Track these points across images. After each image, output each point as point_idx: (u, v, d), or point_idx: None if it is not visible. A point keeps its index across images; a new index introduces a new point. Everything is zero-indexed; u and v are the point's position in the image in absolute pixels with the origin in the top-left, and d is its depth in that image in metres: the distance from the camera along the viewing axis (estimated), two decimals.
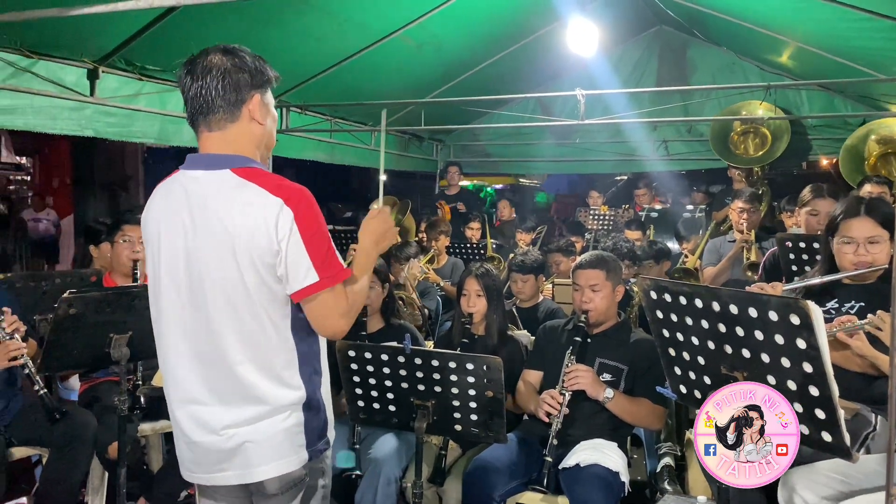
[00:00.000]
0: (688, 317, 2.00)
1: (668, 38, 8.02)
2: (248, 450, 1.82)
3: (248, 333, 1.80)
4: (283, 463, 1.84)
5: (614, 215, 7.36)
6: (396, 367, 2.52)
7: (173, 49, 4.62)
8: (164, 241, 1.86)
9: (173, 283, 1.84)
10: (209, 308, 1.80)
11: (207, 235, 1.78)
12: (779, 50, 6.58)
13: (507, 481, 2.84)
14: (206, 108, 1.80)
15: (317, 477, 1.94)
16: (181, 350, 1.85)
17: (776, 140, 6.92)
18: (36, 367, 3.08)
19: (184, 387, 1.87)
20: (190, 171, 1.85)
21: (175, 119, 5.27)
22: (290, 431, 1.84)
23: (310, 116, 6.68)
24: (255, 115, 1.85)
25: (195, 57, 1.82)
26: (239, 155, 1.83)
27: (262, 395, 1.81)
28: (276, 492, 1.86)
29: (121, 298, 2.82)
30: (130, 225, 3.66)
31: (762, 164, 6.98)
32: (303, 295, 1.78)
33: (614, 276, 3.16)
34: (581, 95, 5.57)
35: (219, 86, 1.78)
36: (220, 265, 1.77)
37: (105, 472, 3.28)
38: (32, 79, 4.29)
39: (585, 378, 2.92)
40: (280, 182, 1.79)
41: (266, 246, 1.74)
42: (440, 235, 6.24)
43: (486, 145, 9.39)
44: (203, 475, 1.89)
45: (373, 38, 5.65)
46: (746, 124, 7.01)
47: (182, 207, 1.82)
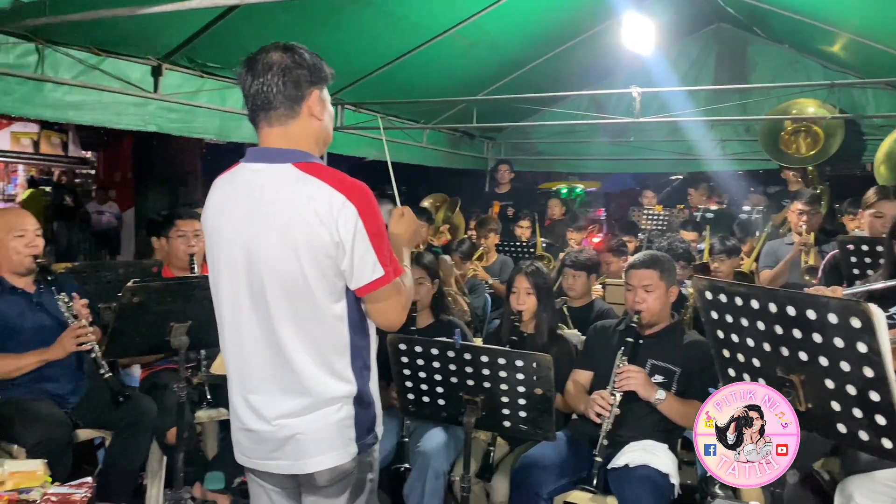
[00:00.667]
0: (743, 318, 1.96)
1: (727, 36, 7.85)
2: (299, 441, 1.86)
3: (305, 325, 1.84)
4: (333, 455, 1.87)
5: (669, 215, 7.24)
6: (446, 362, 2.54)
7: (233, 47, 4.73)
8: (224, 233, 1.90)
9: (233, 274, 1.89)
10: (268, 299, 1.84)
11: (268, 227, 1.82)
12: (843, 47, 6.37)
13: (555, 479, 2.84)
14: (267, 104, 1.84)
15: (365, 471, 1.96)
16: (240, 339, 1.90)
17: (829, 138, 6.63)
18: (100, 352, 3.22)
19: (241, 375, 1.92)
20: (251, 164, 1.90)
21: (234, 116, 5.40)
22: (341, 424, 1.87)
23: (363, 114, 6.76)
24: (314, 111, 1.88)
25: (255, 55, 1.86)
26: (299, 150, 1.87)
27: (315, 387, 1.85)
28: (326, 484, 1.90)
29: (181, 288, 2.92)
30: (183, 220, 3.78)
31: (814, 163, 6.70)
32: (370, 289, 1.82)
33: (668, 276, 3.11)
34: (637, 93, 5.50)
35: (279, 82, 1.82)
36: (280, 257, 1.81)
37: (164, 457, 3.39)
38: (100, 76, 4.46)
39: (637, 379, 2.89)
40: (341, 177, 1.82)
41: (328, 240, 1.77)
42: (490, 233, 6.25)
43: (538, 143, 9.34)
44: (257, 461, 1.94)
45: (426, 36, 5.69)
46: (797, 123, 6.78)
47: (243, 199, 1.87)
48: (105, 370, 3.12)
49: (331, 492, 1.91)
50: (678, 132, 8.04)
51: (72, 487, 2.40)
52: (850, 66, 6.95)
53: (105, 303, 3.63)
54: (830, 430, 1.84)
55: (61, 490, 2.38)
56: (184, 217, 3.80)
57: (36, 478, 2.43)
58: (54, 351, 3.11)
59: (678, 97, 7.31)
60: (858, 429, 1.76)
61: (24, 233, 3.16)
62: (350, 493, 1.93)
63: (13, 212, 3.45)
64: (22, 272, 3.19)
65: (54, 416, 3.05)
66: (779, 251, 4.99)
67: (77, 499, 2.33)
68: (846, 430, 1.80)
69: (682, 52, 7.99)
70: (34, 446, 2.86)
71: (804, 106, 6.68)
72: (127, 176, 12.10)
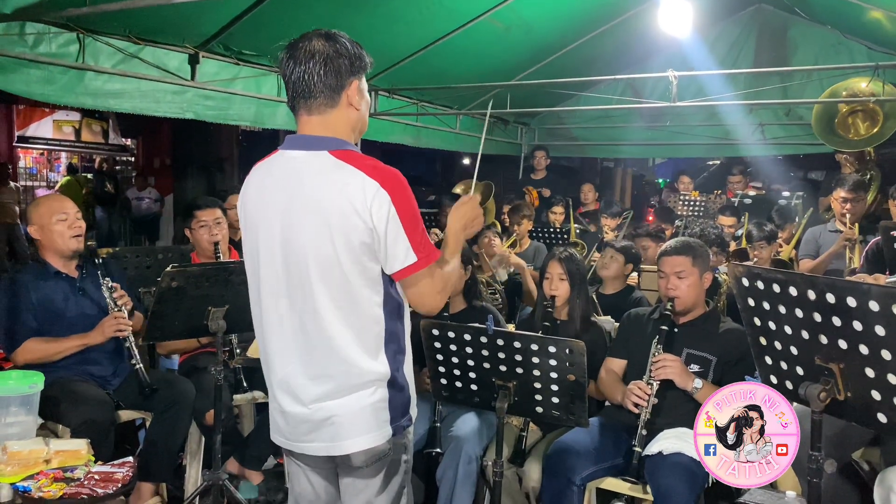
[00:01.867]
0: (781, 305, 1.93)
1: (768, 17, 7.66)
2: (335, 423, 1.89)
3: (341, 310, 1.86)
4: (369, 437, 1.89)
5: (705, 201, 7.12)
6: (479, 347, 2.55)
7: (268, 34, 4.77)
8: (262, 219, 1.93)
9: (270, 260, 1.91)
10: (304, 284, 1.86)
11: (305, 213, 1.84)
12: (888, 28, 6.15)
13: (588, 465, 2.83)
14: (308, 92, 1.86)
15: (400, 452, 1.99)
16: (277, 324, 1.93)
17: (888, 119, 6.10)
18: (141, 337, 3.29)
19: (278, 359, 1.95)
20: (289, 151, 1.92)
21: (269, 102, 5.46)
22: (376, 407, 1.89)
23: (397, 100, 6.76)
24: (353, 100, 1.90)
25: (297, 41, 1.87)
26: (336, 137, 1.89)
27: (350, 370, 1.87)
28: (362, 465, 1.92)
29: (219, 273, 2.97)
30: (202, 210, 3.82)
31: (871, 146, 6.24)
32: (403, 275, 1.85)
33: (701, 262, 3.07)
34: (673, 77, 5.42)
35: (321, 71, 1.84)
36: (316, 243, 1.83)
37: (202, 437, 3.47)
38: (139, 64, 4.54)
39: (674, 368, 2.86)
40: (375, 164, 1.84)
41: (362, 226, 1.79)
42: (523, 219, 6.21)
43: (573, 128, 9.23)
44: (294, 443, 1.98)
45: (461, 21, 5.66)
46: (852, 104, 6.46)
47: (280, 186, 1.90)
48: (136, 360, 3.21)
49: (366, 472, 1.94)
50: (716, 116, 7.88)
51: (114, 466, 2.47)
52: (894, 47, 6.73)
53: (145, 287, 3.71)
54: (870, 419, 1.81)
55: (104, 469, 2.45)
56: (202, 207, 3.84)
57: (80, 457, 2.51)
58: (94, 336, 3.19)
59: (716, 81, 7.17)
60: None
61: (65, 216, 3.23)
62: (385, 474, 1.96)
63: (53, 197, 3.55)
64: (68, 255, 3.27)
65: (98, 398, 3.13)
66: (820, 238, 4.86)
67: (119, 477, 2.40)
68: (887, 419, 1.77)
69: (720, 35, 7.81)
70: (78, 426, 2.94)
71: (857, 84, 6.28)
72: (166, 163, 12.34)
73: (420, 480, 3.27)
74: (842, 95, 6.14)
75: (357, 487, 1.96)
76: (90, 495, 2.28)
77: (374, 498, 1.96)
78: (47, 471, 2.40)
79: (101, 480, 2.36)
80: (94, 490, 2.30)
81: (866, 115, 6.27)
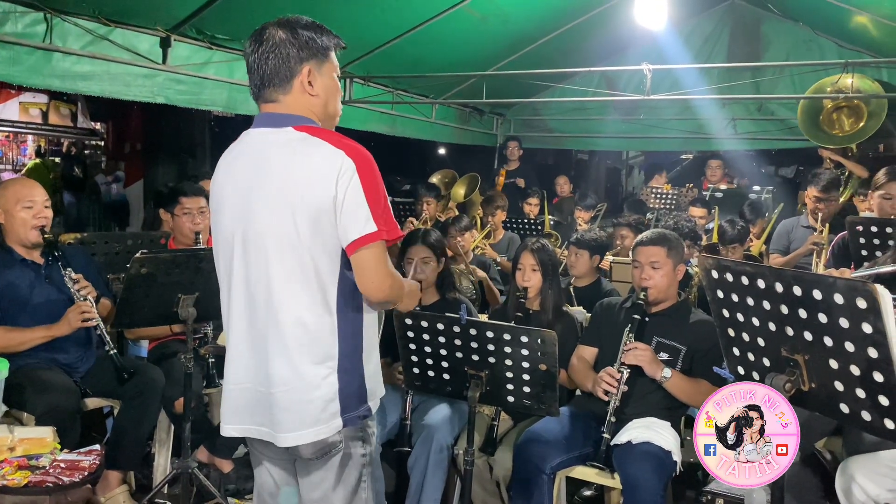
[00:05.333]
0: (749, 297, 1.96)
1: (742, 13, 7.74)
2: (280, 413, 1.86)
3: (297, 290, 1.83)
4: (313, 431, 1.85)
5: (678, 194, 7.20)
6: (451, 337, 2.55)
7: (241, 18, 4.71)
8: (226, 201, 1.93)
9: (231, 238, 1.91)
10: (260, 261, 1.86)
11: (266, 186, 1.84)
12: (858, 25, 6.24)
13: (558, 454, 2.86)
14: (261, 81, 1.89)
15: (354, 444, 1.94)
16: (235, 306, 1.92)
17: (872, 116, 6.11)
18: (109, 324, 3.24)
19: (234, 340, 1.94)
20: (254, 130, 1.94)
21: (242, 88, 5.38)
22: (324, 398, 1.85)
23: (372, 88, 6.72)
24: (307, 87, 1.90)
25: (258, 30, 1.90)
26: (300, 115, 1.90)
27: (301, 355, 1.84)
28: (311, 457, 1.90)
29: (189, 260, 2.93)
30: (188, 197, 3.77)
31: (854, 143, 6.24)
32: (359, 244, 1.80)
33: (676, 254, 3.11)
34: (648, 70, 5.45)
35: (269, 59, 1.86)
36: (276, 217, 1.82)
37: (171, 425, 3.43)
38: (109, 46, 4.44)
39: (644, 356, 2.90)
40: (342, 138, 1.85)
41: (324, 194, 1.77)
42: (497, 210, 6.23)
43: (548, 120, 9.26)
44: (242, 426, 1.95)
45: (437, 9, 5.63)
46: (836, 100, 6.26)
47: (246, 164, 1.90)
48: (110, 347, 3.15)
49: (318, 464, 1.91)
50: (689, 110, 7.96)
51: (80, 454, 2.44)
52: (865, 45, 6.85)
53: (114, 273, 3.66)
54: (833, 410, 1.84)
55: (70, 457, 2.42)
56: (188, 194, 3.79)
57: (45, 444, 2.47)
58: (60, 327, 3.12)
59: (690, 75, 7.24)
60: (861, 409, 1.77)
61: (32, 204, 3.14)
62: (339, 467, 1.92)
63: (22, 182, 3.41)
64: (28, 245, 3.18)
65: (63, 385, 3.08)
66: (792, 233, 4.90)
67: (85, 465, 2.37)
68: (849, 410, 1.81)
69: (695, 29, 7.88)
70: (43, 414, 2.89)
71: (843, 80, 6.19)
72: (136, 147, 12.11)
73: (391, 469, 3.27)
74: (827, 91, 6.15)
75: (312, 481, 1.94)
76: (55, 483, 2.25)
77: (331, 492, 1.92)
78: (11, 459, 2.36)
79: (66, 469, 2.33)
80: (59, 478, 2.27)
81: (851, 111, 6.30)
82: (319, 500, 1.94)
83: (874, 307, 1.64)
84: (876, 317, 1.64)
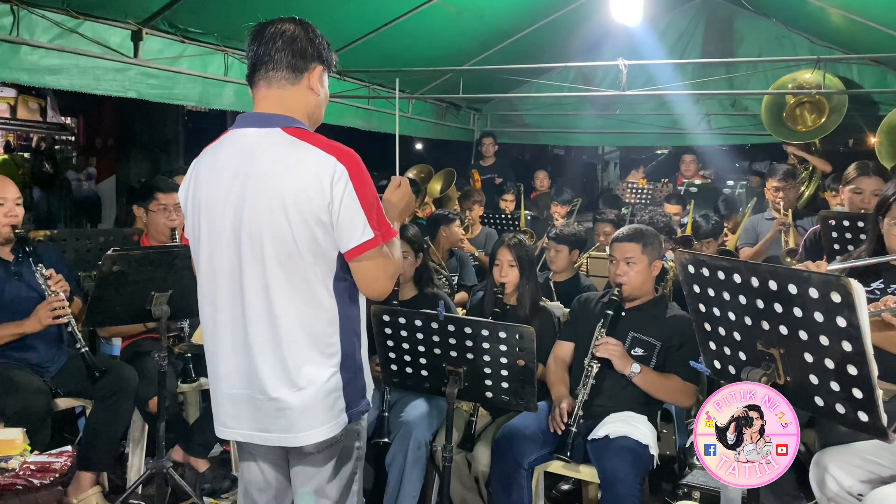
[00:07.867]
0: (725, 292, 1.97)
1: (716, 8, 7.81)
2: (289, 415, 1.85)
3: (295, 292, 1.82)
4: (324, 429, 1.86)
5: (653, 189, 7.24)
6: (429, 333, 2.54)
7: (215, 12, 4.64)
8: (213, 202, 1.88)
9: (219, 241, 1.87)
10: (258, 267, 1.83)
11: (258, 191, 1.81)
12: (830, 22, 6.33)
13: (536, 449, 2.87)
14: (271, 65, 1.86)
15: (353, 439, 1.97)
16: (225, 308, 1.89)
17: (833, 112, 6.31)
18: (81, 322, 3.18)
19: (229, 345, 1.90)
20: (240, 130, 1.89)
21: (215, 82, 5.30)
22: (331, 396, 1.86)
23: (348, 83, 6.67)
24: (314, 85, 1.91)
25: (266, 23, 1.89)
26: (289, 116, 1.87)
27: (305, 358, 1.84)
28: (313, 451, 1.91)
29: (162, 257, 2.89)
30: (164, 193, 3.71)
31: (816, 138, 6.42)
32: (358, 252, 1.81)
33: (651, 250, 3.12)
34: (623, 66, 5.47)
35: (287, 48, 1.86)
36: (270, 222, 1.80)
37: (145, 425, 3.39)
38: (78, 39, 4.34)
39: (615, 351, 2.91)
40: (330, 142, 1.83)
41: (319, 202, 1.77)
42: (474, 205, 6.23)
43: (525, 115, 9.28)
44: (243, 431, 1.93)
45: (412, 4, 5.60)
46: (799, 96, 6.46)
47: (232, 164, 1.86)
48: (81, 344, 3.09)
49: (318, 459, 1.92)
50: (664, 106, 8.03)
51: (51, 456, 2.39)
52: (836, 42, 6.94)
53: (85, 271, 3.59)
54: (808, 402, 1.86)
55: (40, 458, 2.37)
56: (164, 190, 3.73)
57: (15, 446, 2.42)
58: (30, 324, 3.07)
59: (665, 71, 7.29)
60: (836, 402, 1.79)
61: (3, 201, 3.09)
62: (337, 461, 1.94)
63: None
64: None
65: (33, 385, 3.02)
66: (758, 227, 4.99)
67: (57, 467, 2.32)
68: (824, 403, 1.83)
69: (670, 25, 7.93)
70: (13, 415, 2.83)
71: (802, 75, 6.36)
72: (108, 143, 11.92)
73: (370, 466, 3.25)
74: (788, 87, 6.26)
75: (308, 474, 1.94)
76: (26, 486, 2.21)
77: (326, 485, 1.94)
78: None
79: (37, 471, 2.28)
80: (29, 481, 2.23)
81: (813, 106, 6.42)
82: (314, 492, 1.94)
83: (848, 301, 1.65)
84: (850, 310, 1.66)
